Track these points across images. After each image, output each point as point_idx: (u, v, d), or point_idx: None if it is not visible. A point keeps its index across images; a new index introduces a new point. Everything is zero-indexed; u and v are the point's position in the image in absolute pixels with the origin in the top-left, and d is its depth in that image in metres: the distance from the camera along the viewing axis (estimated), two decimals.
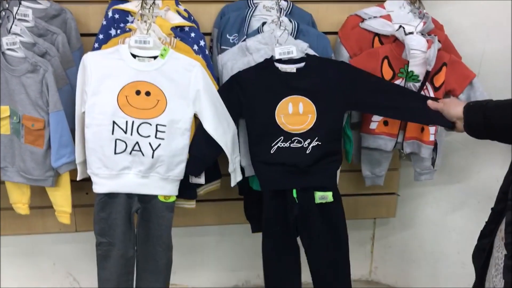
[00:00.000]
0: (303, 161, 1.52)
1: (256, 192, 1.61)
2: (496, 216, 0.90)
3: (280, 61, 1.56)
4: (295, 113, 1.54)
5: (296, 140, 1.53)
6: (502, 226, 0.87)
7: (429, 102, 1.34)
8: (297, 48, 1.56)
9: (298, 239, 1.62)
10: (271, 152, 1.52)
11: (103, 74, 1.43)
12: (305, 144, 1.52)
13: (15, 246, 2.10)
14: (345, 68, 1.60)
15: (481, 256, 0.94)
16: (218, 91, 1.52)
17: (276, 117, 1.53)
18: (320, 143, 1.53)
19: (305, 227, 1.57)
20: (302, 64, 1.56)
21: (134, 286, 1.61)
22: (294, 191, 1.53)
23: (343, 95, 1.55)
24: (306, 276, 1.65)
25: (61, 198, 1.64)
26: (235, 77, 1.55)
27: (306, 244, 1.60)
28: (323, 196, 1.53)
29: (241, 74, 1.55)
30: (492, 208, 0.90)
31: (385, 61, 1.69)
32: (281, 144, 1.52)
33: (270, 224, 1.57)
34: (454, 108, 1.23)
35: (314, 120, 1.53)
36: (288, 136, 1.52)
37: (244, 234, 1.82)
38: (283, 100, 1.54)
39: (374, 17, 1.75)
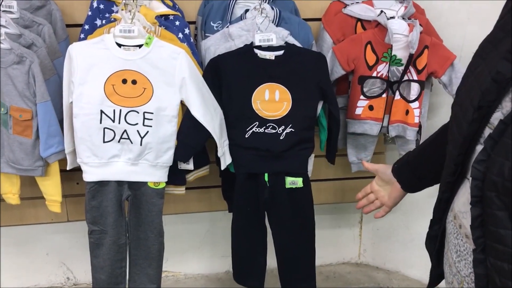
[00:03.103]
0: (276, 147, 1.57)
1: (233, 174, 1.65)
2: (442, 204, 0.93)
3: (260, 47, 1.59)
4: (271, 100, 1.57)
5: (271, 126, 1.57)
6: (454, 212, 0.90)
7: (365, 163, 1.39)
8: (277, 36, 1.58)
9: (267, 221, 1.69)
10: (246, 136, 1.57)
11: (89, 64, 1.44)
12: (279, 131, 1.57)
13: (8, 237, 2.11)
14: (322, 60, 1.64)
15: (435, 242, 0.98)
16: (203, 77, 1.54)
17: (252, 102, 1.57)
18: (293, 130, 1.57)
19: (273, 210, 1.64)
20: (281, 52, 1.60)
21: (127, 272, 1.64)
22: (266, 175, 1.58)
23: (318, 85, 1.59)
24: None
25: (51, 187, 1.65)
26: (214, 60, 1.58)
27: (273, 227, 1.67)
28: (293, 182, 1.59)
29: (220, 57, 1.58)
30: (439, 198, 0.93)
31: (368, 46, 1.72)
32: (256, 129, 1.56)
33: (240, 204, 1.63)
34: (385, 170, 1.27)
35: (289, 108, 1.58)
36: (263, 121, 1.57)
37: None
38: (260, 86, 1.57)
39: (356, 2, 1.77)
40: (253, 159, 1.58)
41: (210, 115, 1.51)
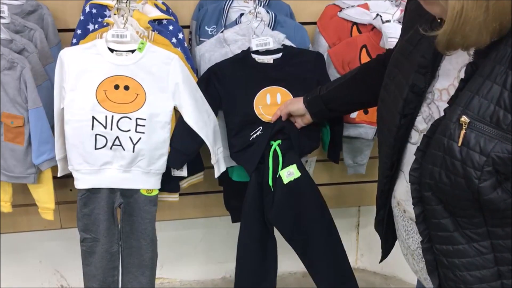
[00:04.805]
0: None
1: (235, 183, 1.62)
2: (384, 194, 1.07)
3: (257, 52, 1.57)
4: (273, 104, 1.55)
5: None
6: (397, 200, 1.04)
7: (273, 115, 1.53)
8: (274, 39, 1.57)
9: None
10: (250, 140, 1.54)
11: (80, 70, 1.42)
12: None
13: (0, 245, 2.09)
14: (320, 59, 1.62)
15: (382, 225, 1.14)
16: (197, 83, 1.52)
17: (254, 108, 1.54)
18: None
19: (276, 210, 1.53)
20: (279, 55, 1.58)
21: (120, 281, 1.61)
22: (270, 179, 1.52)
23: (318, 84, 1.57)
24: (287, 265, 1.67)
25: (44, 194, 1.63)
26: (212, 69, 1.55)
27: (287, 235, 1.57)
28: (290, 172, 1.51)
29: (218, 66, 1.55)
30: (381, 189, 1.07)
31: (364, 50, 1.70)
32: (260, 133, 1.53)
33: (250, 213, 1.56)
34: (296, 105, 1.48)
35: None
36: (267, 126, 1.53)
37: (230, 226, 1.83)
38: (261, 91, 1.55)
39: (352, 6, 1.75)
40: (258, 149, 1.52)
41: (203, 122, 1.49)
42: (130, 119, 1.43)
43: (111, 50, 1.44)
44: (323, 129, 1.68)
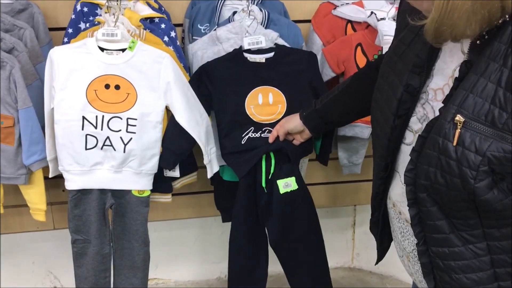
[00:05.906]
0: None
1: (226, 182, 1.60)
2: (379, 196, 1.06)
3: (249, 51, 1.55)
4: (265, 104, 1.53)
5: (267, 130, 1.52)
6: (392, 201, 1.03)
7: (270, 137, 1.51)
8: (266, 38, 1.55)
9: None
10: (242, 142, 1.52)
11: (70, 69, 1.40)
12: None
13: None
14: (313, 58, 1.60)
15: (377, 226, 1.13)
16: (189, 82, 1.50)
17: (246, 108, 1.52)
18: None
19: (272, 220, 1.55)
20: (271, 54, 1.56)
21: (112, 282, 1.60)
22: (263, 181, 1.51)
23: (310, 84, 1.55)
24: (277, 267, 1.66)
25: (35, 195, 1.61)
26: (203, 68, 1.53)
27: (274, 237, 1.57)
28: (287, 184, 1.51)
29: (209, 64, 1.53)
30: (376, 192, 1.06)
31: (359, 48, 1.68)
32: (251, 135, 1.52)
33: (241, 214, 1.56)
34: (293, 123, 1.45)
35: (285, 110, 1.53)
36: (259, 126, 1.52)
37: (224, 226, 1.82)
38: (253, 90, 1.53)
39: (346, 3, 1.74)
40: (251, 158, 1.51)
41: (195, 121, 1.47)
42: (121, 119, 1.41)
43: (102, 49, 1.42)
44: None
